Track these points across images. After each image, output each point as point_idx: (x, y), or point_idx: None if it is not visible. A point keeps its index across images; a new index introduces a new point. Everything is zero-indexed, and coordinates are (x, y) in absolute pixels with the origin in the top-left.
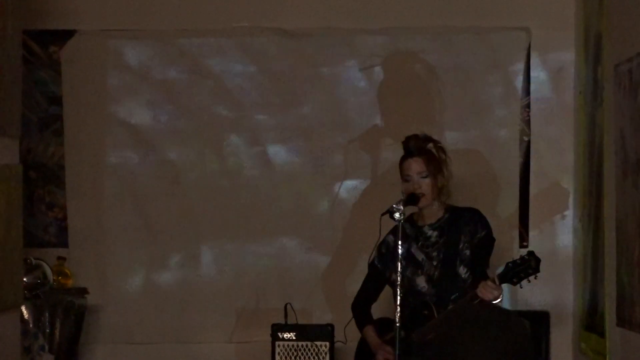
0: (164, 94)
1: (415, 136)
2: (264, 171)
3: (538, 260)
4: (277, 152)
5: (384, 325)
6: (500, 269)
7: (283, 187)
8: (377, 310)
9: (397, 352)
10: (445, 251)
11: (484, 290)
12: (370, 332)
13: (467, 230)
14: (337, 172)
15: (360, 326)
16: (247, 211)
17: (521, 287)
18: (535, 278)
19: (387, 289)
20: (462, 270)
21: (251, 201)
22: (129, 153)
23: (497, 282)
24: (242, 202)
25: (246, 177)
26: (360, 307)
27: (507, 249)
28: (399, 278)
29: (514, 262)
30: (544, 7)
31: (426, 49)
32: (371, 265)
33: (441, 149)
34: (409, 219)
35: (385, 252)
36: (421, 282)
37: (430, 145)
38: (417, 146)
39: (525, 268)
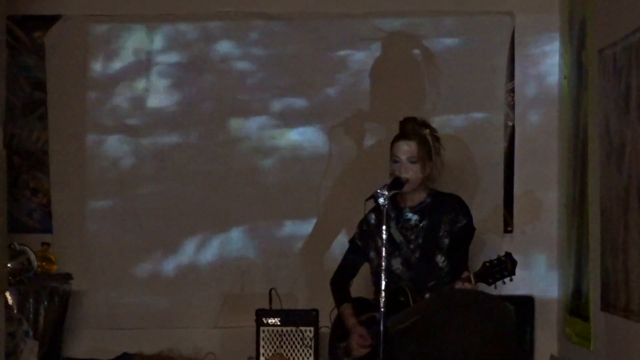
0: (148, 79)
1: (414, 119)
2: (249, 158)
3: (514, 263)
4: (262, 139)
5: (360, 305)
6: (477, 267)
7: (267, 174)
8: (353, 290)
9: (382, 342)
10: (424, 236)
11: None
12: (347, 311)
13: (447, 219)
14: (320, 158)
15: (338, 303)
16: (232, 197)
17: (495, 288)
18: (510, 280)
19: (364, 268)
20: (440, 259)
21: (236, 187)
22: (113, 139)
23: (474, 281)
24: (227, 188)
25: (231, 164)
26: (339, 283)
27: (491, 234)
28: (383, 263)
29: (490, 262)
30: None
31: (412, 33)
32: (352, 241)
33: (436, 138)
34: (391, 200)
35: (366, 230)
36: (396, 263)
37: (427, 131)
38: (413, 129)
39: (501, 269)
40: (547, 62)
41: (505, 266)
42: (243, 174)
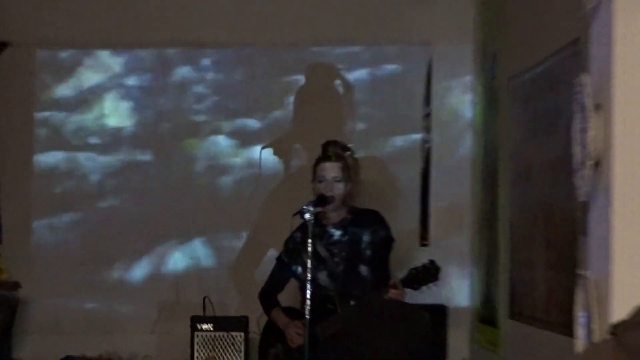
0: (89, 100)
1: (335, 142)
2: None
3: (438, 269)
4: (199, 158)
5: (289, 313)
6: (404, 274)
7: (202, 190)
8: (284, 301)
9: (306, 347)
10: (347, 250)
11: (393, 297)
12: (279, 312)
13: (368, 232)
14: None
15: (268, 311)
16: (169, 211)
17: (421, 292)
18: (435, 285)
19: (292, 282)
20: (364, 269)
21: (173, 202)
22: (56, 156)
23: (401, 287)
24: (165, 203)
25: (165, 182)
26: (267, 295)
27: (409, 247)
28: (309, 275)
29: (416, 268)
30: (445, 23)
31: (336, 62)
32: (279, 258)
33: (354, 158)
34: (315, 219)
35: (292, 248)
36: (322, 276)
37: (347, 153)
38: (335, 152)
39: (426, 275)
40: (461, 89)
41: (429, 272)
42: (179, 192)
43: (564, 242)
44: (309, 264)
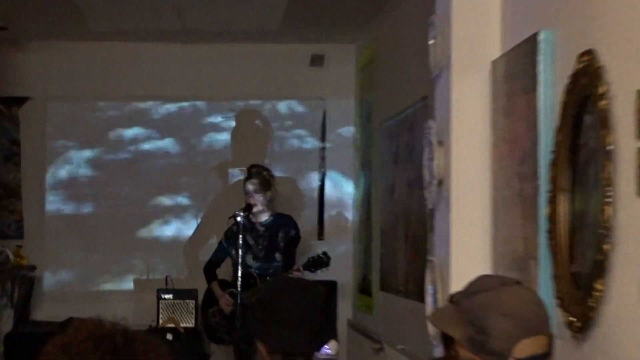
0: (90, 143)
1: (255, 165)
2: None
3: (329, 258)
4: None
5: (223, 284)
6: (304, 261)
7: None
8: (219, 274)
9: (238, 309)
10: (267, 241)
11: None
12: (216, 286)
13: (283, 230)
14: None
15: (209, 281)
16: (142, 209)
17: (316, 275)
18: (327, 269)
19: (227, 261)
20: (278, 256)
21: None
22: (62, 178)
23: (302, 270)
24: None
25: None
26: (209, 269)
27: (310, 240)
28: (239, 259)
29: (313, 257)
30: (335, 84)
31: (256, 109)
32: (220, 243)
33: (271, 176)
34: (247, 218)
35: (229, 236)
36: (249, 259)
37: (265, 173)
38: (256, 172)
39: (320, 263)
40: (347, 130)
41: (323, 261)
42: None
43: (417, 237)
44: (239, 252)
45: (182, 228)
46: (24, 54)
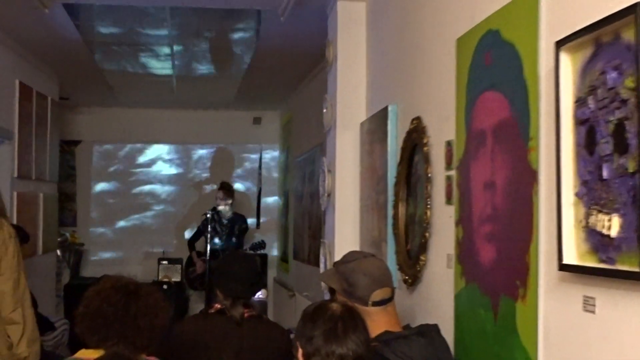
0: (118, 170)
1: (224, 182)
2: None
3: (264, 243)
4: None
5: (198, 254)
6: (249, 244)
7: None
8: (197, 246)
9: (207, 272)
10: (228, 230)
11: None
12: (194, 254)
13: (238, 223)
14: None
15: (190, 250)
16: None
17: (257, 254)
18: (264, 250)
19: (202, 239)
20: (234, 240)
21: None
22: (101, 190)
23: (248, 250)
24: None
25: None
26: (191, 242)
27: (252, 229)
28: (208, 237)
29: (254, 243)
30: (268, 135)
31: (227, 149)
32: (198, 228)
33: (233, 190)
34: (218, 213)
35: (205, 224)
36: (217, 240)
37: (231, 187)
38: (225, 187)
39: (260, 246)
40: (274, 161)
41: (260, 244)
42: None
43: (316, 227)
44: (208, 236)
45: (173, 221)
46: (78, 114)
